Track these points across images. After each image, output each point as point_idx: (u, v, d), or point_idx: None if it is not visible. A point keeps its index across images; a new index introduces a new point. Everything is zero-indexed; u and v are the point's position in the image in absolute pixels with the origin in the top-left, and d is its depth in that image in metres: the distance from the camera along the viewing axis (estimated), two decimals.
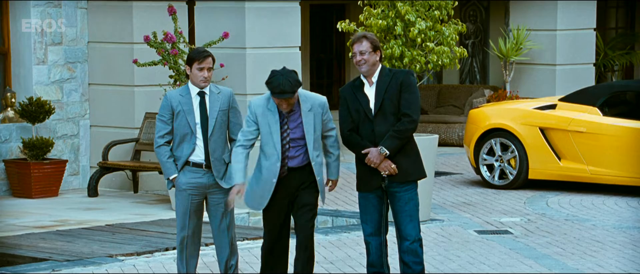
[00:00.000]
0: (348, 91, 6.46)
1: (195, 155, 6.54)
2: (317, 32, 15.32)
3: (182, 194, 6.59)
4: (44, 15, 11.38)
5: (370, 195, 6.46)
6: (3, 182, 11.16)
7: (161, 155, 6.57)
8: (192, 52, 6.57)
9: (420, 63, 9.35)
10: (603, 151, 10.83)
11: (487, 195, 11.03)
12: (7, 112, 11.33)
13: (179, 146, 6.55)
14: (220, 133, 6.56)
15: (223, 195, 6.59)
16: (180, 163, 6.56)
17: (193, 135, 6.52)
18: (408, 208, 6.43)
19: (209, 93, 6.55)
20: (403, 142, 6.37)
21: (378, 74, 6.44)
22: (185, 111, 6.50)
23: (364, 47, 6.38)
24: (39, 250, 8.27)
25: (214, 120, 6.51)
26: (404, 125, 6.35)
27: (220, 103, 6.55)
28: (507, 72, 14.56)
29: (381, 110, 6.38)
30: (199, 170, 6.55)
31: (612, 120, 10.90)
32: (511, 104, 12.00)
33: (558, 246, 8.49)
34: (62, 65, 11.57)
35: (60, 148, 11.51)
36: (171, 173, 6.57)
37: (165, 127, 6.54)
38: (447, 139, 14.91)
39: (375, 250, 6.50)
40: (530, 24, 14.54)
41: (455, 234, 8.99)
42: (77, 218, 9.76)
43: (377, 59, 6.42)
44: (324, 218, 9.77)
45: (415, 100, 6.40)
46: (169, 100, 6.54)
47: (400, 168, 6.40)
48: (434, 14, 9.45)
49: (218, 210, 6.64)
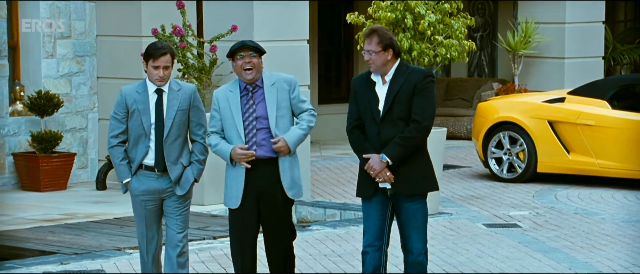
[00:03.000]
0: (360, 84, 5.93)
1: (149, 158, 6.06)
2: (325, 24, 15.30)
3: (136, 200, 6.12)
4: (53, 9, 11.39)
5: (372, 201, 5.90)
6: (12, 175, 11.18)
7: (114, 157, 6.09)
8: (149, 47, 6.03)
9: (429, 56, 9.33)
10: (612, 145, 10.79)
11: (496, 188, 11.01)
12: (16, 105, 11.34)
13: (134, 147, 6.08)
14: (177, 135, 6.05)
15: (177, 201, 6.11)
16: (135, 166, 6.08)
17: (147, 137, 6.03)
18: (415, 220, 5.87)
19: (168, 91, 6.04)
20: (409, 151, 5.80)
21: (393, 72, 5.86)
22: (139, 110, 6.02)
23: (372, 45, 5.83)
24: (48, 243, 8.28)
25: (170, 120, 6.00)
26: (411, 133, 5.79)
27: (180, 102, 6.03)
28: (516, 65, 14.53)
29: (389, 114, 5.81)
30: (152, 174, 6.05)
31: (621, 113, 10.87)
32: (520, 97, 11.97)
33: (567, 240, 8.47)
34: (70, 59, 11.58)
35: (68, 141, 11.52)
36: (124, 176, 6.08)
37: (120, 125, 6.07)
38: (455, 132, 14.88)
39: (371, 262, 5.90)
40: (538, 17, 14.50)
41: (463, 228, 8.98)
42: (86, 211, 9.77)
43: (388, 58, 5.83)
44: (332, 211, 9.77)
45: (428, 106, 5.81)
46: (123, 96, 6.07)
47: (408, 179, 5.82)
48: (443, 7, 9.42)
49: (171, 217, 6.12)
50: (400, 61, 5.92)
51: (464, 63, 15.60)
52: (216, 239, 8.46)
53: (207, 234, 8.60)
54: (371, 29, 5.89)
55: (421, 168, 5.88)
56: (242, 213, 6.06)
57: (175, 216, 6.14)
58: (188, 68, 10.00)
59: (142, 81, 6.09)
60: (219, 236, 8.51)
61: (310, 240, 8.42)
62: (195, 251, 8.01)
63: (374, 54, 5.84)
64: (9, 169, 11.17)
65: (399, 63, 5.91)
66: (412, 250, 5.88)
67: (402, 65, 5.90)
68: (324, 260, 7.77)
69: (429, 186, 5.90)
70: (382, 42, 5.84)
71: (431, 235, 8.61)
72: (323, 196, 10.45)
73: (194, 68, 10.01)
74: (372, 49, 5.84)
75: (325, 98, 15.15)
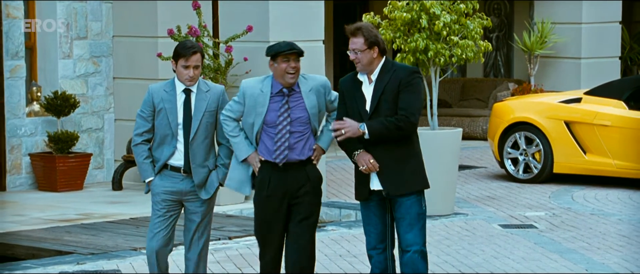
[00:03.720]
0: (347, 85, 5.77)
1: (175, 159, 5.93)
2: (341, 25, 15.29)
3: (156, 198, 5.98)
4: (69, 10, 11.44)
5: (370, 203, 5.78)
6: (29, 176, 11.24)
7: (138, 155, 5.96)
8: (179, 47, 5.91)
9: (445, 56, 9.31)
10: (629, 145, 10.74)
11: (512, 189, 10.98)
12: (32, 105, 11.40)
13: (159, 147, 5.96)
14: (204, 137, 5.92)
15: (201, 204, 6.01)
16: (159, 166, 5.95)
17: (174, 137, 5.90)
18: (408, 216, 5.69)
19: (196, 92, 5.92)
20: (389, 134, 5.57)
21: (379, 71, 5.67)
22: (167, 109, 5.89)
23: (358, 44, 5.61)
24: (64, 243, 8.31)
25: (198, 121, 5.88)
26: (396, 120, 5.56)
27: (208, 103, 5.91)
28: (532, 66, 14.48)
29: (376, 113, 5.62)
30: (177, 175, 5.94)
31: (638, 113, 10.81)
32: (536, 97, 11.93)
33: (583, 241, 8.44)
34: (87, 59, 11.62)
35: (85, 141, 11.56)
36: (147, 175, 5.96)
37: (145, 124, 5.94)
38: (471, 133, 14.85)
39: (377, 265, 5.82)
40: (555, 17, 14.45)
41: (479, 229, 8.95)
42: (102, 212, 9.80)
43: (374, 56, 5.63)
44: (348, 212, 9.77)
45: (414, 101, 5.60)
46: (151, 94, 5.94)
47: (398, 178, 5.66)
48: (459, 7, 9.41)
49: (193, 221, 6.04)
50: (386, 59, 5.74)
51: (479, 64, 15.56)
52: (232, 239, 8.47)
53: (222, 234, 8.61)
54: (356, 27, 5.64)
55: (410, 167, 5.70)
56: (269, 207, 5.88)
57: (197, 220, 6.03)
58: (204, 69, 10.02)
59: (171, 80, 5.97)
60: (234, 237, 8.52)
61: (325, 240, 8.42)
62: (211, 251, 8.02)
63: (359, 53, 5.64)
64: (25, 169, 11.23)
65: (385, 61, 5.71)
66: (405, 247, 5.73)
67: (387, 63, 5.71)
68: (339, 260, 7.77)
69: (418, 184, 5.71)
70: (368, 39, 5.63)
71: (446, 235, 8.60)
72: (338, 197, 10.44)
73: (209, 69, 10.03)
74: (358, 48, 5.63)
75: None
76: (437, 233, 8.67)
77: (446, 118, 14.88)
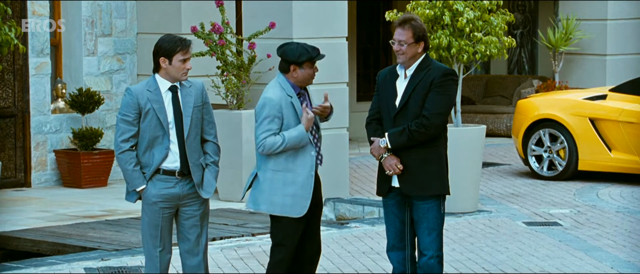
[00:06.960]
0: (384, 78, 5.67)
1: (169, 162, 5.57)
2: (364, 22, 15.28)
3: (153, 208, 5.64)
4: (94, 7, 11.49)
5: (389, 201, 5.70)
6: (53, 172, 11.31)
7: (126, 163, 5.55)
8: (170, 42, 5.58)
9: (468, 53, 9.28)
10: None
11: (536, 186, 10.93)
12: (57, 102, 11.47)
13: (147, 151, 5.57)
14: (196, 134, 5.60)
15: (199, 207, 5.68)
16: (150, 172, 5.58)
17: (166, 137, 5.54)
18: (426, 220, 5.59)
19: (181, 88, 5.59)
20: (411, 143, 5.50)
21: (416, 67, 5.58)
22: (155, 109, 5.50)
23: (406, 35, 5.48)
24: (88, 239, 8.36)
25: (189, 118, 5.55)
26: (416, 126, 5.47)
27: (194, 99, 5.58)
28: (556, 62, 14.40)
29: (404, 109, 5.53)
30: (171, 179, 5.58)
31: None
32: (560, 94, 11.86)
33: (609, 239, 8.38)
34: (111, 57, 11.68)
35: (109, 138, 11.62)
36: (139, 183, 5.59)
37: (131, 128, 5.53)
38: (495, 129, 14.79)
39: (396, 265, 5.76)
40: (579, 14, 14.36)
41: (503, 226, 8.92)
42: (126, 208, 9.84)
43: (418, 51, 5.53)
44: (371, 209, 9.76)
45: (440, 102, 5.47)
46: (134, 96, 5.52)
47: (417, 179, 5.56)
48: (482, 3, 9.37)
49: (191, 226, 5.68)
50: (426, 56, 5.62)
51: (503, 61, 15.50)
52: (254, 236, 8.48)
53: (245, 231, 8.62)
54: (405, 18, 5.52)
55: (432, 169, 5.58)
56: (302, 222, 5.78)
57: (196, 223, 5.70)
58: (227, 66, 10.03)
59: (151, 78, 5.62)
60: (257, 233, 8.53)
61: (348, 237, 8.41)
62: (234, 248, 8.04)
63: (405, 45, 5.52)
64: (50, 166, 11.30)
65: (424, 58, 5.61)
66: (423, 251, 5.67)
67: (426, 60, 5.60)
68: (362, 257, 7.77)
69: (436, 189, 5.58)
70: (416, 33, 5.51)
71: (470, 233, 8.57)
72: (361, 194, 10.43)
73: (232, 66, 10.05)
74: (404, 40, 5.51)
75: (364, 95, 15.14)
76: (461, 230, 8.64)
77: (470, 115, 14.83)
